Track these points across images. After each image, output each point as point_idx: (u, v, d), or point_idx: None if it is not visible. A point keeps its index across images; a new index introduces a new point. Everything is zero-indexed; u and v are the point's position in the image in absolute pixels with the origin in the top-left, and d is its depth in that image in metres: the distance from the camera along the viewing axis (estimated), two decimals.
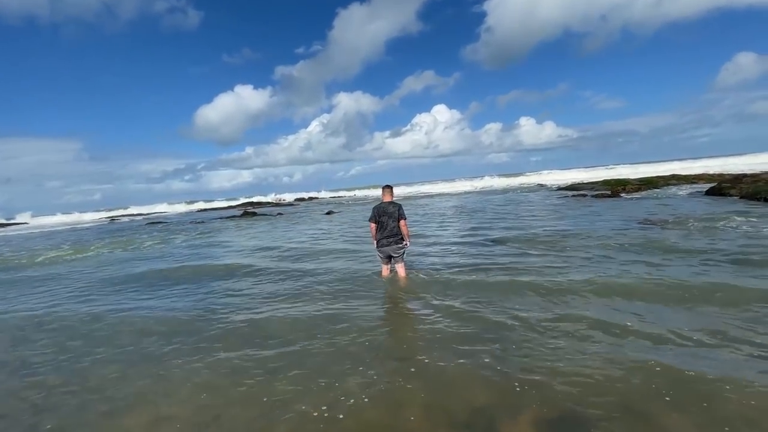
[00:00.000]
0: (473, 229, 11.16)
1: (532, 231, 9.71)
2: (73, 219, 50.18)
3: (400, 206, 5.89)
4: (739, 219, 8.90)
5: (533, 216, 13.33)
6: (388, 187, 6.08)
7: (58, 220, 50.89)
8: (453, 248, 8.39)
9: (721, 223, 8.64)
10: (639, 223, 9.70)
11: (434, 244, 9.13)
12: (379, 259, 6.15)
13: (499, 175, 56.52)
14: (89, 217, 51.43)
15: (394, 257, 5.93)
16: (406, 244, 5.92)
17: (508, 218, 13.16)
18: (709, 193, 15.79)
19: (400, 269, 5.97)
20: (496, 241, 8.69)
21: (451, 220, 14.39)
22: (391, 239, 5.80)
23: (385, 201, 5.94)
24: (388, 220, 5.79)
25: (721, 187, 15.43)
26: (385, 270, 6.09)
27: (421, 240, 9.69)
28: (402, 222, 5.81)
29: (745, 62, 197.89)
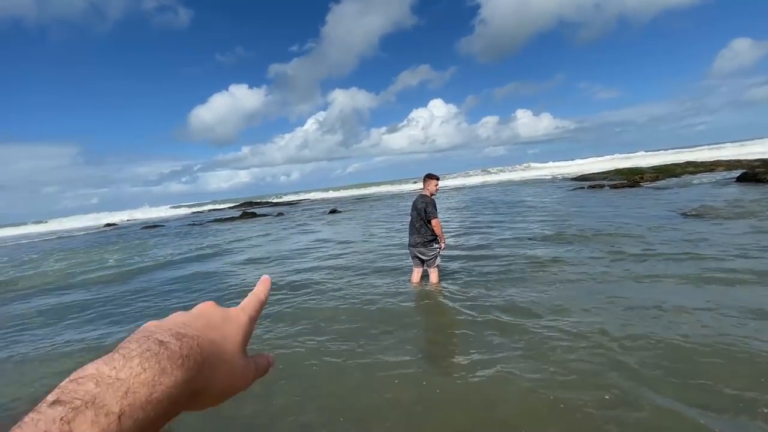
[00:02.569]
0: (522, 226, 10.05)
1: (611, 227, 8.62)
2: (60, 226, 48.18)
3: (428, 202, 4.91)
4: None
5: (587, 210, 12.26)
6: (427, 177, 5.07)
7: (43, 228, 48.80)
8: (510, 250, 7.27)
9: None
10: (698, 216, 8.68)
11: (479, 246, 8.01)
12: (411, 260, 5.36)
13: (499, 169, 55.68)
14: (75, 224, 49.35)
15: (423, 261, 5.14)
16: (437, 248, 5.04)
17: (551, 213, 12.09)
18: (742, 179, 14.93)
19: (432, 275, 5.19)
20: (571, 242, 7.57)
21: (483, 215, 13.28)
22: (417, 239, 5.03)
23: (421, 193, 5.09)
24: (415, 216, 5.03)
25: (756, 173, 14.58)
26: (416, 275, 5.31)
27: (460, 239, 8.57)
28: (434, 221, 4.87)
29: (741, 48, 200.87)
